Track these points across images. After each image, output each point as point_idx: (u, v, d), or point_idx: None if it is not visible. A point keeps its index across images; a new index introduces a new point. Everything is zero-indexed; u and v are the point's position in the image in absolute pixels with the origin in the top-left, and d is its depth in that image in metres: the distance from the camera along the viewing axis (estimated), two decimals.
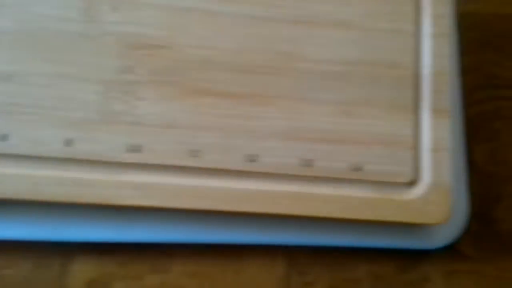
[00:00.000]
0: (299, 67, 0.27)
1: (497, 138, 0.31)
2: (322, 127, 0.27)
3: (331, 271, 0.29)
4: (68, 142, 0.25)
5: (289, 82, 0.27)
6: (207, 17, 0.27)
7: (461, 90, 0.31)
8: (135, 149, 0.25)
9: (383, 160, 0.27)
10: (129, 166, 0.25)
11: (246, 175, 0.26)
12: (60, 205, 0.25)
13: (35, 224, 0.26)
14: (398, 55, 0.28)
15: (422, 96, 0.28)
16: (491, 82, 0.32)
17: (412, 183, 0.27)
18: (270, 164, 0.26)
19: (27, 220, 0.26)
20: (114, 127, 0.25)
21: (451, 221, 0.28)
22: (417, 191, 0.27)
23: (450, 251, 0.29)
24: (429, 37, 0.28)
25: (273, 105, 0.26)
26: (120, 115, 0.25)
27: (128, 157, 0.25)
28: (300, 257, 0.29)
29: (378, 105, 0.27)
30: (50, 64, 0.25)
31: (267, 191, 0.26)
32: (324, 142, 0.27)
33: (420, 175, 0.27)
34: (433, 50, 0.28)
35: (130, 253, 0.27)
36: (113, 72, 0.26)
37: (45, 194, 0.24)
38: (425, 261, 0.29)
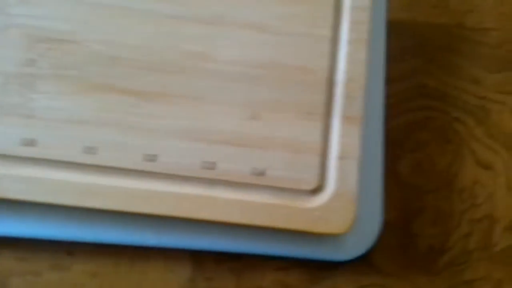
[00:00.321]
0: (206, 67, 0.26)
1: (423, 149, 0.31)
2: (227, 129, 0.26)
3: (237, 277, 0.28)
4: None
5: (194, 82, 0.26)
6: (114, 13, 0.26)
7: (388, 99, 0.30)
8: (30, 143, 0.25)
9: (288, 166, 0.26)
10: (23, 160, 0.24)
11: (145, 175, 0.25)
12: None
13: None
14: (312, 60, 0.27)
15: (334, 102, 0.27)
16: (420, 92, 0.31)
17: (316, 190, 0.26)
18: (170, 164, 0.25)
19: None
20: (10, 120, 0.25)
21: (362, 232, 0.28)
22: (321, 199, 0.26)
23: (363, 264, 0.28)
24: (346, 43, 0.27)
25: (176, 104, 0.26)
26: (16, 107, 0.25)
27: (23, 150, 0.24)
28: (207, 262, 0.28)
29: (287, 109, 0.27)
30: None
31: (166, 192, 0.25)
32: (228, 145, 0.26)
33: (325, 183, 0.26)
34: (350, 56, 0.27)
35: (30, 249, 0.27)
36: (14, 64, 0.25)
37: None
38: (337, 273, 0.28)
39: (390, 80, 0.30)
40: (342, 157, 0.26)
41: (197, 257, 0.28)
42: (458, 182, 0.30)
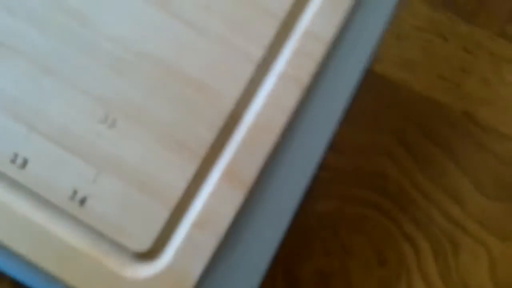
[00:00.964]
0: (78, 33, 0.19)
1: (343, 260, 0.22)
2: (62, 122, 0.18)
3: None
4: None
5: (55, 46, 0.19)
6: None
7: (322, 171, 0.21)
8: None
9: (122, 206, 0.18)
10: None
11: None
12: None
13: None
14: (222, 80, 0.19)
15: (225, 149, 0.19)
16: (373, 180, 0.22)
17: (143, 256, 0.18)
18: None
19: None
20: None
21: None
22: (143, 272, 0.18)
23: None
24: (276, 76, 0.19)
25: (16, 64, 0.18)
26: None
27: None
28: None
29: (158, 130, 0.19)
30: None
31: None
32: (56, 143, 0.18)
33: (160, 252, 0.18)
34: (274, 94, 0.19)
35: None
36: None
37: None
38: None
39: (336, 149, 0.21)
40: (200, 226, 0.18)
41: None
42: None
